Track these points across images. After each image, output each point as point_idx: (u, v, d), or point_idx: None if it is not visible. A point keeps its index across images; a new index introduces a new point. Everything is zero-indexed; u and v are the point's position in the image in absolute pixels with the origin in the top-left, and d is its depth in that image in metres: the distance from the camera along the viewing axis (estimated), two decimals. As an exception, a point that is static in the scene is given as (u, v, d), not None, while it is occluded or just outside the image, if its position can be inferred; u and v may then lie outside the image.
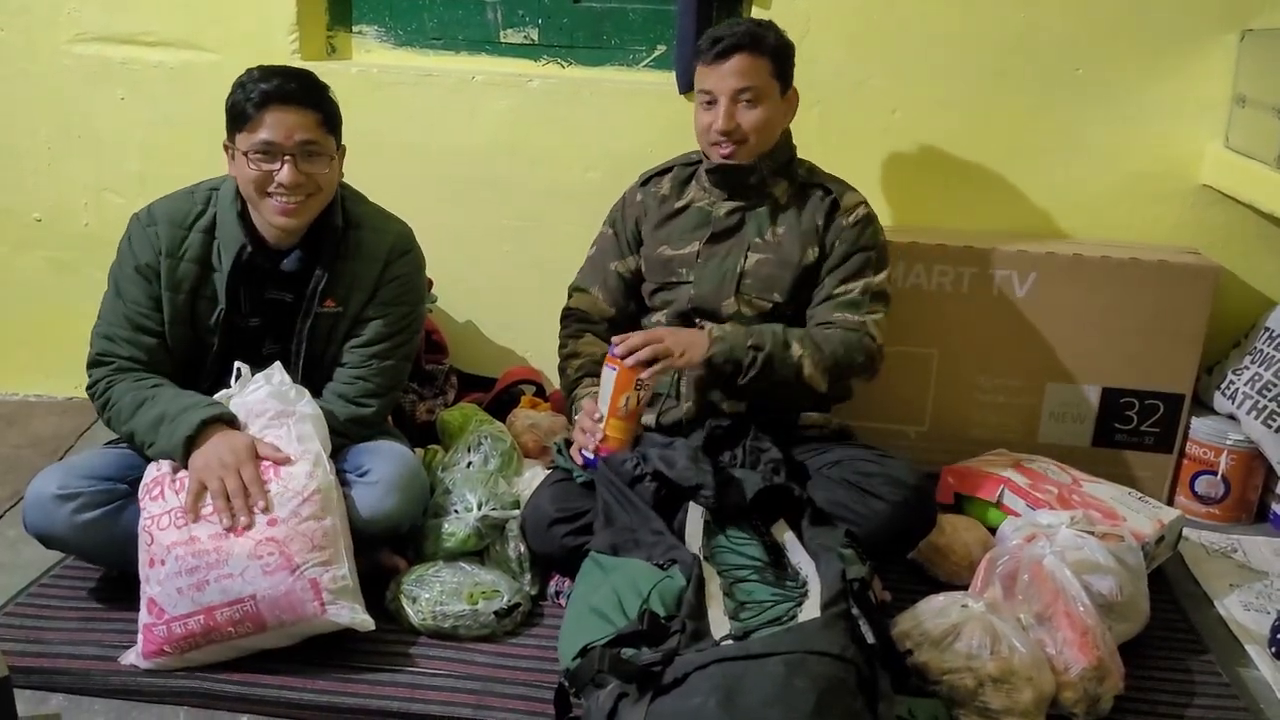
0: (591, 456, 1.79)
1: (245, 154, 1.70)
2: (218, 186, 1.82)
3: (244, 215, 1.78)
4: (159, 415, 1.70)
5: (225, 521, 1.59)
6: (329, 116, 1.75)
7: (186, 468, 1.65)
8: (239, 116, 1.70)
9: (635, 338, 1.77)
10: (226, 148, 1.75)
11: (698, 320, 1.93)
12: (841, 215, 1.92)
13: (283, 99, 1.68)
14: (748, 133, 1.86)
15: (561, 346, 2.05)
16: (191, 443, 1.66)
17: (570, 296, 2.09)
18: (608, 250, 2.06)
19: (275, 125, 1.68)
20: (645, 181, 2.06)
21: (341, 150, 1.81)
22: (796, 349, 1.81)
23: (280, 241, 1.79)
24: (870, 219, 1.94)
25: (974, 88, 2.32)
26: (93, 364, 1.80)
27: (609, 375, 1.77)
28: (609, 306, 2.04)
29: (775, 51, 1.86)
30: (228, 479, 1.61)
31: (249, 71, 1.73)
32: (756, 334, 1.81)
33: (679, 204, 1.99)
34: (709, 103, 1.87)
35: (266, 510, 1.61)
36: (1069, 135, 2.33)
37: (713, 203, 1.96)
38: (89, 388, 1.80)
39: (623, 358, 1.75)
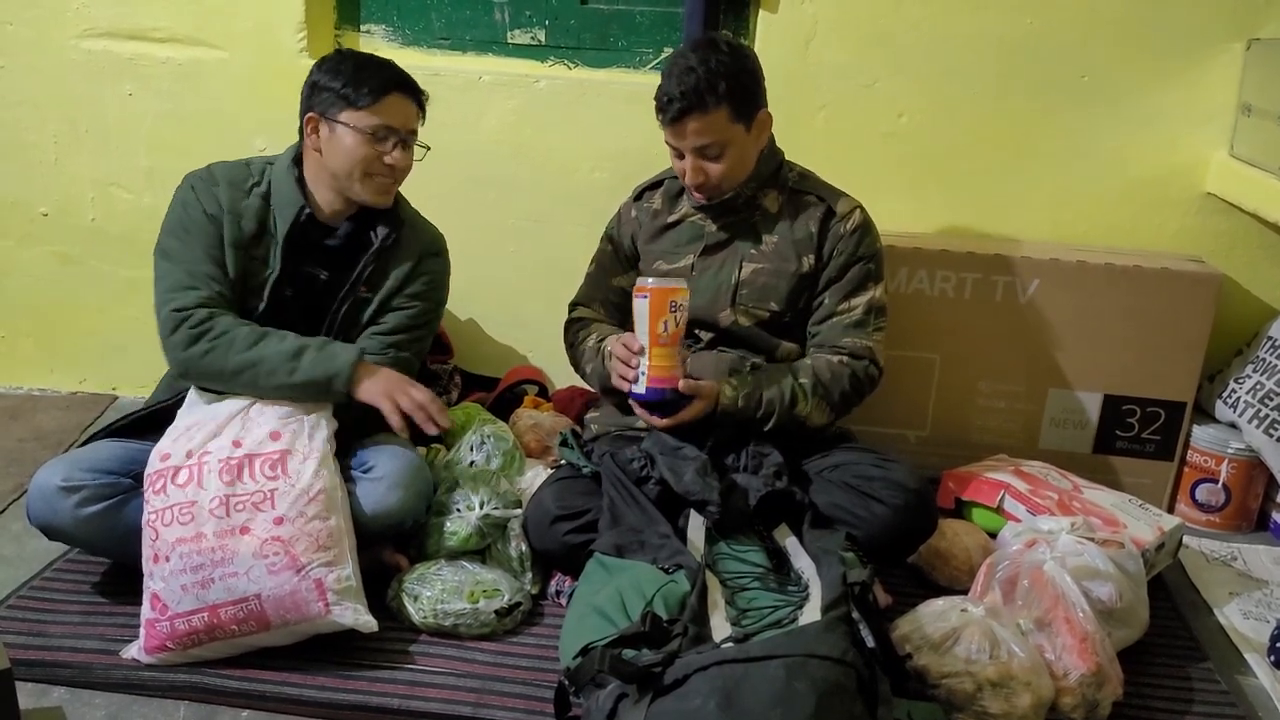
0: (643, 392, 1.76)
1: (359, 131, 1.75)
2: (272, 161, 1.87)
3: (301, 181, 1.83)
4: (297, 347, 1.74)
5: (432, 429, 1.75)
6: (423, 108, 1.84)
7: (346, 393, 1.73)
8: (354, 97, 1.75)
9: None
10: (313, 121, 1.78)
11: (698, 332, 1.93)
12: (838, 222, 1.90)
13: (402, 86, 1.79)
14: (718, 181, 1.84)
15: (569, 345, 2.05)
16: (355, 368, 1.74)
17: (572, 310, 2.09)
18: (607, 266, 2.06)
19: (395, 110, 1.78)
20: (638, 196, 2.05)
21: None
22: (803, 407, 1.82)
23: (333, 218, 1.84)
24: (867, 226, 1.93)
25: (980, 93, 2.32)
26: (179, 311, 1.72)
27: (641, 305, 1.73)
28: (610, 320, 2.04)
29: (730, 96, 1.76)
30: (414, 393, 1.75)
31: (346, 55, 1.80)
32: (767, 400, 1.81)
33: (671, 218, 1.99)
34: (678, 154, 1.85)
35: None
36: (1074, 141, 2.33)
37: (704, 218, 1.96)
38: (179, 326, 1.71)
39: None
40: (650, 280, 1.75)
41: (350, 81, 1.76)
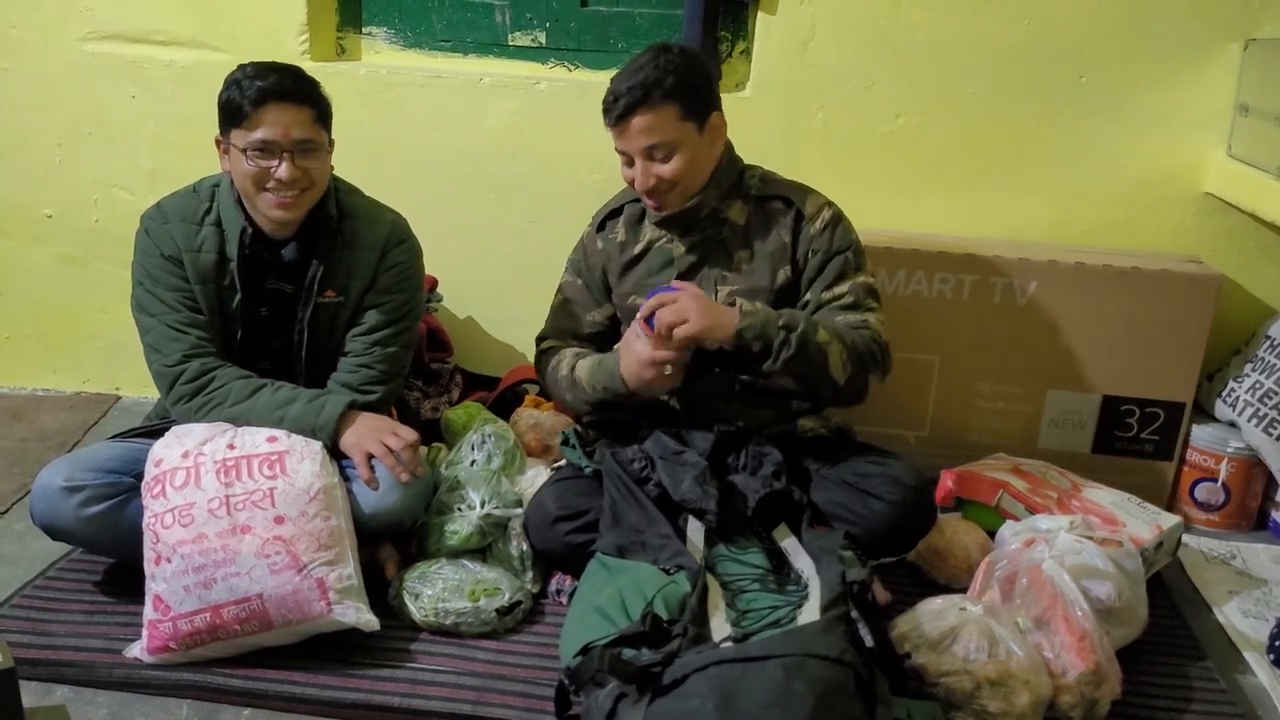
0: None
1: (243, 151, 1.71)
2: (218, 182, 1.84)
3: (240, 202, 1.79)
4: (289, 397, 1.76)
5: (404, 477, 1.74)
6: (322, 113, 1.76)
7: (334, 443, 1.75)
8: (235, 114, 1.70)
9: (666, 314, 1.67)
10: (219, 143, 1.76)
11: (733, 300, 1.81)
12: (808, 224, 1.83)
13: (280, 96, 1.70)
14: (672, 182, 1.77)
15: (540, 375, 2.00)
16: (342, 420, 1.75)
17: (540, 343, 2.02)
18: (582, 302, 1.98)
19: (273, 123, 1.69)
20: (600, 226, 1.97)
21: (331, 144, 1.82)
22: (823, 333, 1.71)
23: (275, 233, 1.81)
24: (837, 220, 1.84)
25: (978, 94, 2.33)
26: (169, 368, 1.77)
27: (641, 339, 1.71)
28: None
29: (679, 92, 1.72)
30: (389, 440, 1.74)
31: (242, 68, 1.73)
32: (787, 314, 1.71)
33: (638, 249, 1.91)
34: (628, 161, 1.80)
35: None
36: (1072, 143, 2.33)
37: (670, 240, 1.88)
38: (174, 383, 1.77)
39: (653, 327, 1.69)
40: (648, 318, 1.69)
41: (232, 97, 1.70)
